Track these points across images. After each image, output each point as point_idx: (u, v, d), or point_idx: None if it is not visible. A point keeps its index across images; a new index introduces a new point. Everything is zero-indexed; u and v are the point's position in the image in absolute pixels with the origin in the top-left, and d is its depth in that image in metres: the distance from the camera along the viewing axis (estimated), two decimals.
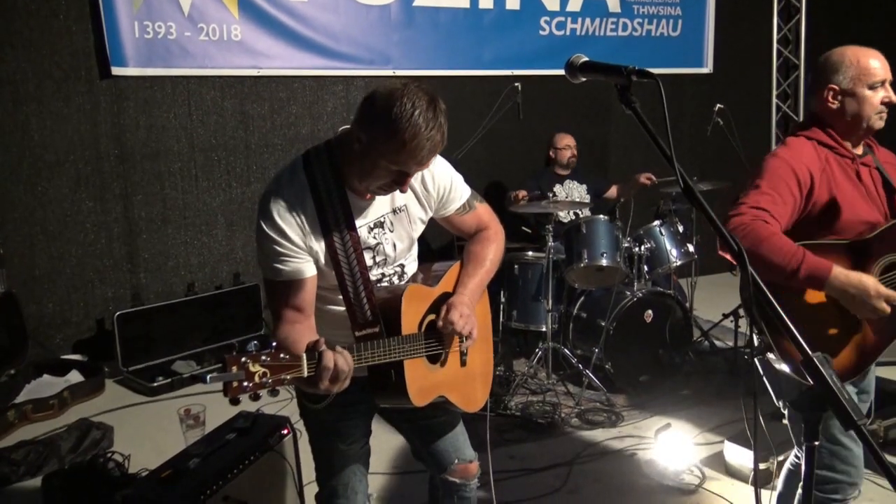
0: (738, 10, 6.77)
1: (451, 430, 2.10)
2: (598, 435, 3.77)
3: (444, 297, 1.94)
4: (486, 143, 5.30)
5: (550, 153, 5.33)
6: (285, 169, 1.79)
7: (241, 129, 5.27)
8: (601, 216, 4.45)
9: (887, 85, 2.09)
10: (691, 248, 4.56)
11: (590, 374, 4.18)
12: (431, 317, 1.90)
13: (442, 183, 1.93)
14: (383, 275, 1.89)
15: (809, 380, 1.97)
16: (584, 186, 5.33)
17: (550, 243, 4.28)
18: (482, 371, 2.14)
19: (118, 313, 4.62)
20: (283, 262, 1.70)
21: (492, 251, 2.06)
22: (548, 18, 6.00)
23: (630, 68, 1.33)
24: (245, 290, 5.21)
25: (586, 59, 1.47)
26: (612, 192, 5.35)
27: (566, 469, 3.43)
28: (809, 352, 1.12)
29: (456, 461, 2.10)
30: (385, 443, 3.64)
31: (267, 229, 1.68)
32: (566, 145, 5.26)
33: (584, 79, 1.49)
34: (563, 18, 6.04)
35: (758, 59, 7.00)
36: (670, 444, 3.45)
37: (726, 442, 3.37)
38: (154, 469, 2.39)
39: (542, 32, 6.00)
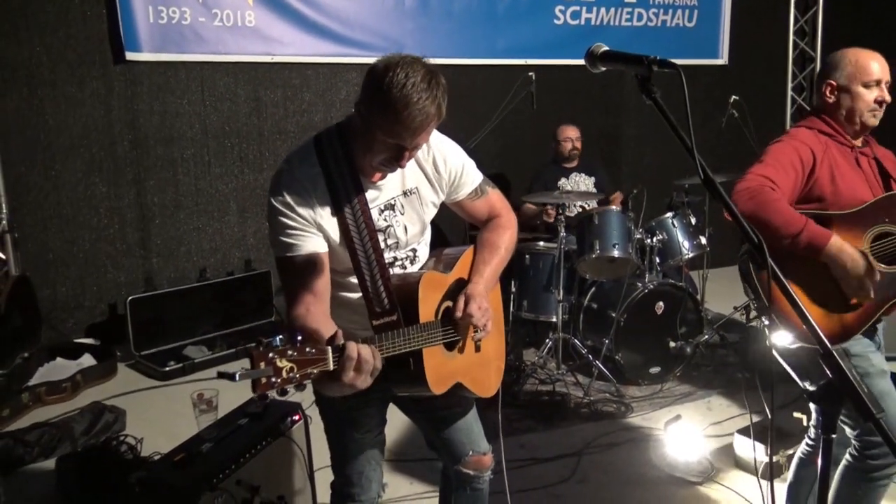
0: (755, 1, 6.71)
1: (466, 421, 2.10)
2: (607, 426, 3.78)
3: (459, 284, 1.93)
4: (500, 132, 5.29)
5: (553, 146, 5.29)
6: (296, 149, 1.80)
7: (254, 116, 5.28)
8: (613, 207, 4.43)
9: (882, 85, 2.23)
10: (703, 240, 4.54)
11: (599, 365, 4.18)
12: (447, 303, 1.88)
13: (454, 166, 1.92)
14: (395, 258, 1.87)
15: (814, 345, 2.03)
16: (593, 179, 5.31)
17: (562, 234, 4.27)
18: (496, 357, 2.13)
19: (130, 298, 4.66)
20: (292, 237, 1.69)
21: (506, 239, 2.04)
22: (562, 7, 5.96)
23: (651, 58, 1.32)
24: (256, 276, 5.23)
25: (607, 48, 1.46)
26: (613, 197, 5.31)
27: (575, 459, 3.43)
28: (829, 345, 1.12)
29: (470, 452, 2.09)
30: (395, 431, 3.65)
31: (276, 204, 1.69)
32: (567, 137, 5.23)
33: (603, 68, 1.48)
34: (577, 8, 6.00)
35: (774, 51, 6.94)
36: (680, 436, 3.45)
37: (736, 434, 3.37)
38: (167, 452, 2.41)
39: (556, 21, 5.96)
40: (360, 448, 2.01)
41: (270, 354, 1.31)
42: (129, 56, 4.72)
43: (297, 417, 2.65)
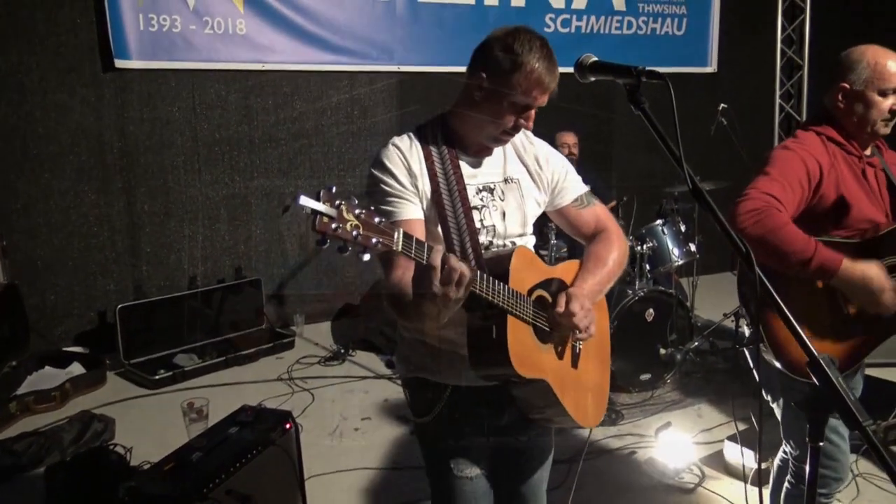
0: (743, 9, 6.77)
1: (538, 496, 2.02)
2: (598, 433, 3.78)
3: (559, 284, 1.83)
4: None
5: None
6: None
7: (244, 124, 5.27)
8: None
9: None
10: (693, 247, 4.57)
11: None
12: (541, 292, 1.77)
13: (556, 168, 1.93)
14: (491, 243, 1.80)
15: (799, 377, 2.03)
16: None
17: (553, 241, 4.28)
18: (596, 385, 1.98)
19: (120, 306, 4.64)
20: (390, 204, 1.69)
21: (614, 253, 1.95)
22: (553, 16, 5.99)
23: (640, 69, 1.34)
24: (247, 283, 5.22)
25: (596, 58, 1.47)
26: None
27: (566, 466, 3.43)
28: (815, 353, 1.13)
29: None
30: (381, 437, 3.65)
31: (376, 172, 1.72)
32: (563, 143, 5.27)
33: (592, 79, 1.49)
34: (568, 16, 6.04)
35: (762, 59, 6.99)
36: (670, 443, 3.46)
37: (726, 441, 3.38)
38: (157, 462, 2.39)
39: (547, 30, 5.99)
40: (460, 490, 1.84)
41: (338, 201, 1.25)
42: (119, 63, 4.71)
43: (287, 426, 2.64)
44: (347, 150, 5.65)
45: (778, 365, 2.05)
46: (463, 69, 1.77)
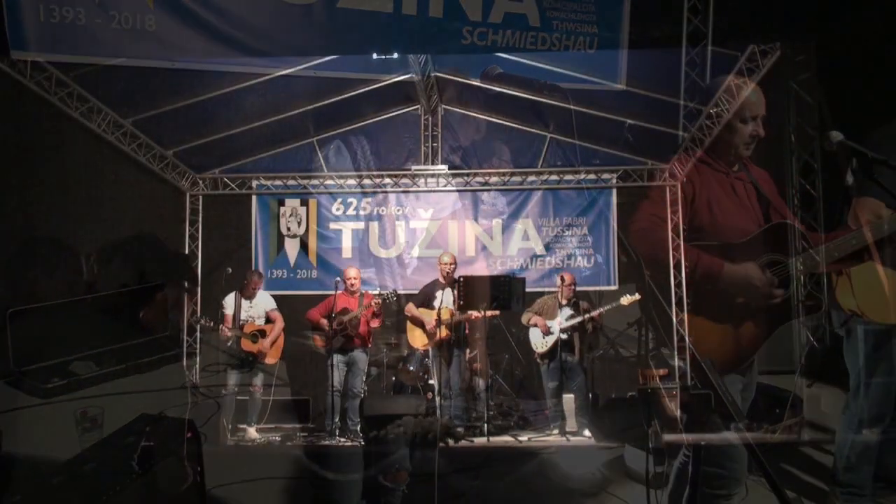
0: (651, 31, 7.04)
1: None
2: (506, 439, 3.84)
3: None
4: None
5: None
6: None
7: (152, 122, 5.10)
8: (516, 223, 4.54)
9: (759, 120, 2.26)
10: (600, 259, 4.71)
11: (499, 380, 4.25)
12: None
13: None
14: None
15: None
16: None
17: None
18: None
19: (11, 310, 4.38)
20: None
21: None
22: (470, 28, 6.05)
23: (542, 83, 1.39)
24: (151, 288, 5.03)
25: (501, 70, 1.51)
26: None
27: (474, 472, 3.47)
28: (699, 357, 1.19)
29: (396, 466, 2.21)
30: (286, 446, 3.59)
31: None
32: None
33: (498, 89, 1.53)
34: (484, 29, 6.11)
35: (667, 80, 7.29)
36: (575, 448, 3.56)
37: (627, 446, 3.50)
38: (46, 474, 2.28)
39: (464, 42, 6.05)
40: None
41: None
42: (15, 55, 4.46)
43: (189, 435, 2.56)
44: (262, 152, 5.57)
45: (681, 363, 2.18)
46: (379, 76, 1.80)
